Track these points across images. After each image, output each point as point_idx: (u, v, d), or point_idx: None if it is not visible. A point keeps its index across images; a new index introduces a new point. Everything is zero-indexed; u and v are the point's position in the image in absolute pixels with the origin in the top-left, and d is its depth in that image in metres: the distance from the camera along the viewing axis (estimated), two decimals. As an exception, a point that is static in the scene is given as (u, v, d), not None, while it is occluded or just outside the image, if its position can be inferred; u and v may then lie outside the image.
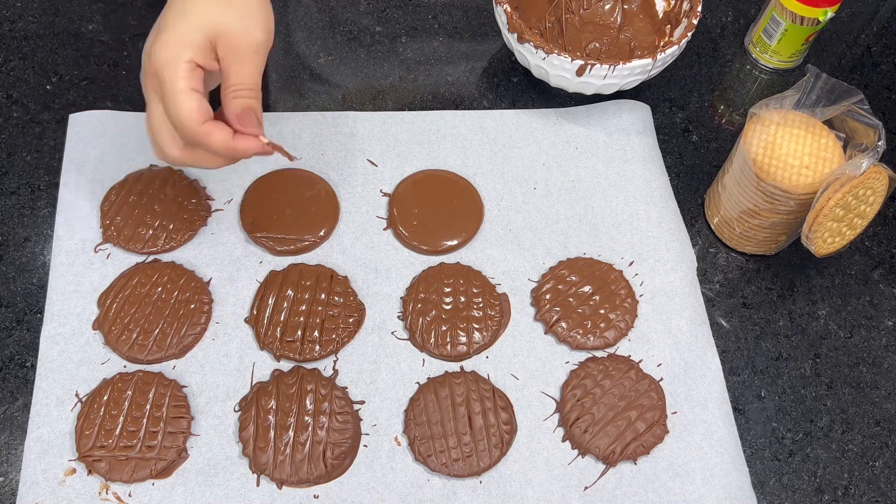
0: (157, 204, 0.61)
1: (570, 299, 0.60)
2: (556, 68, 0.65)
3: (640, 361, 0.59)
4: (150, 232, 0.60)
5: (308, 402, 0.54)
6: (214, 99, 0.51)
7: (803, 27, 0.71)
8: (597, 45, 0.73)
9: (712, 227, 0.66)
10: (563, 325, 0.59)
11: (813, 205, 0.56)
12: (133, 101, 0.68)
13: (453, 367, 0.58)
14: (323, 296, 0.59)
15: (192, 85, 0.48)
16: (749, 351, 0.61)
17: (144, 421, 0.53)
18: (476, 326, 0.59)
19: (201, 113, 0.48)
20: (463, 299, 0.60)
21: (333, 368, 0.57)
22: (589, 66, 0.64)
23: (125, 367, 0.56)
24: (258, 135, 0.51)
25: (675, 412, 0.57)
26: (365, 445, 0.54)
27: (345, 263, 0.61)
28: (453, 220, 0.63)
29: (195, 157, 0.51)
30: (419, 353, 0.58)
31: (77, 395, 0.54)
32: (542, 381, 0.58)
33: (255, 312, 0.58)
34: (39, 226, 0.61)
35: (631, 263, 0.63)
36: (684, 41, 0.65)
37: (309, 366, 0.57)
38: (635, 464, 0.55)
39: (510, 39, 0.67)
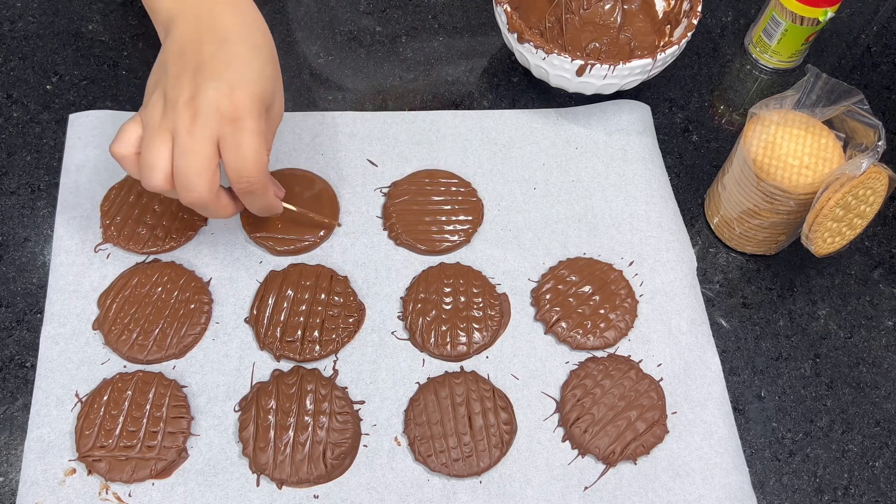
0: (157, 204, 0.61)
1: (570, 299, 0.60)
2: (556, 68, 0.65)
3: (640, 361, 0.59)
4: (151, 232, 0.60)
5: (308, 402, 0.54)
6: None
7: (803, 27, 0.71)
8: (597, 45, 0.73)
9: (712, 227, 0.66)
10: (563, 325, 0.59)
11: (813, 205, 0.56)
12: (133, 101, 0.68)
13: (453, 367, 0.58)
14: (323, 296, 0.59)
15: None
16: (749, 351, 0.61)
17: (144, 421, 0.53)
18: (476, 326, 0.59)
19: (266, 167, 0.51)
20: (463, 299, 0.60)
21: (333, 368, 0.57)
22: (589, 66, 0.64)
23: (125, 367, 0.56)
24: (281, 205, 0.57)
25: (675, 412, 0.57)
26: (365, 445, 0.54)
27: (345, 263, 0.61)
28: (453, 219, 0.63)
29: (220, 203, 0.51)
30: (419, 353, 0.58)
31: (77, 395, 0.54)
32: (542, 381, 0.58)
33: (255, 312, 0.58)
34: (39, 226, 0.61)
35: (631, 263, 0.63)
36: (684, 41, 0.65)
37: (309, 366, 0.57)
38: (635, 464, 0.55)
39: (510, 39, 0.67)
